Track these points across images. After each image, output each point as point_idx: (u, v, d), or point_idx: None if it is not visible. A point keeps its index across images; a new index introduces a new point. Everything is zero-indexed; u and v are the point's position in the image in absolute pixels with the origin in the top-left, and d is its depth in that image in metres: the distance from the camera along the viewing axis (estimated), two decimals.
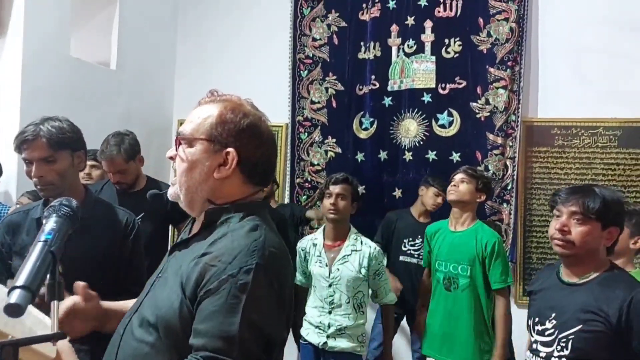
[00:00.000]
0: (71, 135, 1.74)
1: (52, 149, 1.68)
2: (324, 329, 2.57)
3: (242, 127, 1.10)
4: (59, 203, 1.02)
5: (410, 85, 4.00)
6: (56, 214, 0.99)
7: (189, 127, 1.12)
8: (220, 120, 1.10)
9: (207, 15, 4.54)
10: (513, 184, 3.78)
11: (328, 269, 2.61)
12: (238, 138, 1.10)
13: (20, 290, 0.81)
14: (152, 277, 1.16)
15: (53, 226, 0.96)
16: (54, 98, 3.25)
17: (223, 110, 1.11)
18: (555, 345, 1.65)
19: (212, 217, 1.11)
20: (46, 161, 1.68)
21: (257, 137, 1.12)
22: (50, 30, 3.31)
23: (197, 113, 1.14)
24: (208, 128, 1.10)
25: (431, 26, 3.97)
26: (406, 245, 3.41)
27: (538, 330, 1.74)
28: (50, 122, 1.71)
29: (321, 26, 4.24)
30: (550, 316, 1.69)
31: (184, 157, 1.11)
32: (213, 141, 1.09)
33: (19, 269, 0.86)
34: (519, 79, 3.80)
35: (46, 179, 1.68)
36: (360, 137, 4.15)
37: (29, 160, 1.70)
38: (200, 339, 0.95)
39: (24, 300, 0.80)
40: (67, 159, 1.72)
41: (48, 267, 0.88)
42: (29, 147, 1.67)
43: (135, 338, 1.04)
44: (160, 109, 4.44)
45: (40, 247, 0.90)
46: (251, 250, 1.00)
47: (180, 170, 1.12)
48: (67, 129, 1.73)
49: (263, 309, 0.98)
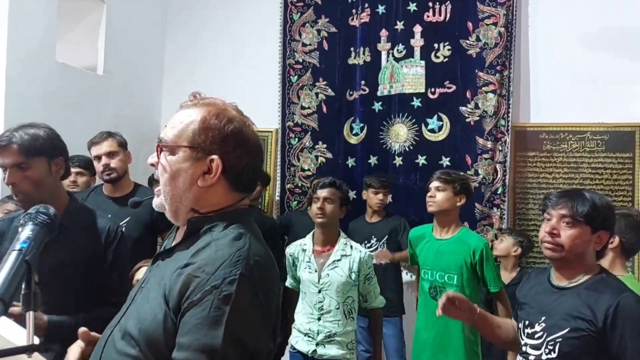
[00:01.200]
0: (46, 142, 1.68)
1: (24, 155, 1.63)
2: (313, 336, 2.54)
3: (226, 133, 1.06)
4: (36, 210, 0.99)
5: (400, 90, 4.00)
6: (32, 221, 0.96)
7: (171, 134, 1.08)
8: (203, 126, 1.06)
9: (196, 21, 4.52)
10: (504, 188, 3.78)
11: (317, 275, 2.58)
12: (222, 145, 1.06)
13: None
14: (135, 288, 1.13)
15: (29, 234, 0.93)
16: (39, 104, 3.21)
17: (206, 116, 1.07)
18: (543, 348, 1.65)
19: (195, 226, 1.08)
20: (19, 168, 1.64)
21: (242, 144, 1.08)
22: (35, 35, 3.27)
23: (178, 118, 1.09)
24: (191, 135, 1.06)
25: (420, 31, 3.97)
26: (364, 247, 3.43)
27: (528, 333, 1.73)
28: (26, 128, 1.67)
29: (311, 31, 4.23)
30: (540, 319, 1.69)
31: (166, 166, 1.07)
32: (196, 148, 1.05)
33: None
34: (508, 84, 3.82)
35: (20, 187, 1.64)
36: (351, 142, 4.15)
37: (3, 167, 1.67)
38: (183, 353, 0.93)
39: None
40: (42, 167, 1.67)
41: (23, 276, 0.86)
42: (2, 153, 1.64)
43: (117, 350, 1.01)
44: (148, 115, 4.41)
45: (14, 256, 0.87)
46: (235, 260, 0.97)
47: (163, 180, 1.08)
48: (43, 135, 1.68)
49: (247, 321, 0.96)
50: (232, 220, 1.07)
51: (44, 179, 1.68)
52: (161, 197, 1.10)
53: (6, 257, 0.87)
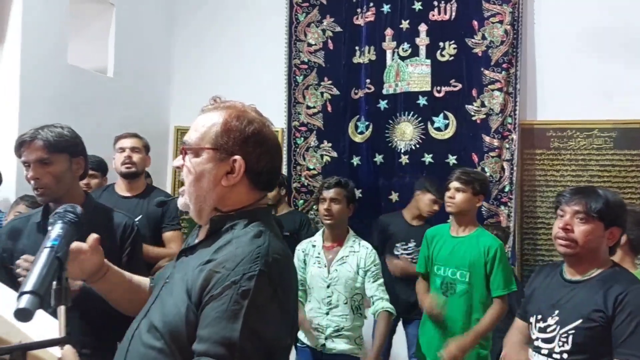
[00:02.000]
0: (69, 140, 1.76)
1: (48, 151, 1.70)
2: (322, 331, 2.58)
3: (247, 134, 1.11)
4: (64, 209, 1.03)
5: (406, 88, 4.03)
6: (61, 220, 1.01)
7: (194, 137, 1.12)
8: (225, 128, 1.10)
9: (203, 23, 4.56)
10: (511, 186, 3.80)
11: (327, 269, 2.62)
12: (244, 145, 1.10)
13: (28, 295, 0.83)
14: (159, 283, 1.17)
15: (59, 232, 0.97)
16: (52, 105, 3.27)
17: (228, 118, 1.11)
18: (556, 341, 1.68)
19: (217, 225, 1.12)
20: (42, 163, 1.69)
21: (262, 144, 1.12)
22: (48, 39, 3.33)
23: (201, 121, 1.14)
24: (213, 137, 1.10)
25: (426, 30, 4.00)
26: (399, 249, 3.39)
27: (540, 327, 1.76)
28: (50, 127, 1.74)
29: (316, 31, 4.26)
30: (553, 313, 1.72)
31: (190, 168, 1.11)
32: (219, 150, 1.10)
33: (26, 275, 0.87)
34: (514, 81, 3.83)
35: (42, 182, 1.70)
36: (356, 140, 4.18)
37: (26, 163, 1.72)
38: (202, 345, 0.96)
39: (32, 304, 0.82)
40: (64, 163, 1.74)
41: (55, 272, 0.90)
42: (27, 149, 1.70)
43: (143, 343, 1.05)
44: (157, 116, 4.45)
45: (47, 253, 0.92)
46: (254, 256, 1.01)
47: (188, 181, 1.12)
48: (66, 134, 1.76)
49: (265, 316, 0.99)
50: (252, 218, 1.11)
51: (64, 176, 1.73)
52: (186, 196, 1.13)
53: (38, 254, 0.92)
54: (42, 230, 1.72)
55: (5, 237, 1.82)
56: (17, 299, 0.83)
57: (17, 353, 0.82)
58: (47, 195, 1.72)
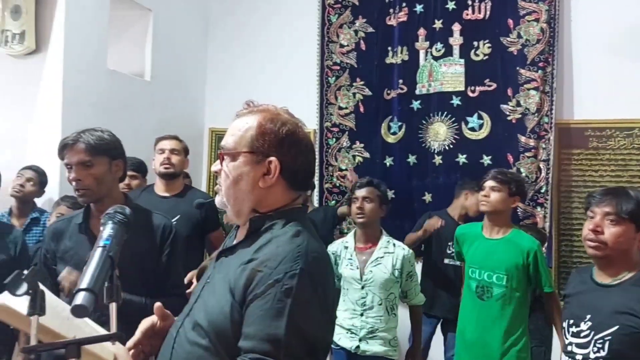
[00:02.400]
0: (109, 143, 1.81)
1: (89, 154, 1.75)
2: (356, 332, 2.58)
3: (281, 136, 1.13)
4: (114, 211, 1.07)
5: (439, 88, 4.00)
6: (112, 220, 1.05)
7: (231, 141, 1.15)
8: (260, 131, 1.13)
9: (237, 26, 4.62)
10: (547, 187, 3.73)
11: (360, 271, 2.62)
12: (279, 147, 1.13)
13: (84, 292, 0.87)
14: (201, 283, 1.20)
15: (110, 232, 1.01)
16: (92, 109, 3.37)
17: (262, 121, 1.14)
18: (591, 347, 1.65)
19: (256, 225, 1.14)
20: (84, 165, 1.75)
21: (296, 145, 1.15)
22: (89, 45, 3.44)
23: (236, 125, 1.17)
24: (249, 140, 1.13)
25: (459, 29, 3.96)
26: (450, 247, 3.34)
27: (573, 332, 1.73)
28: (92, 131, 1.81)
29: (348, 32, 4.27)
30: (585, 318, 1.69)
31: (228, 172, 1.14)
32: (255, 152, 1.13)
33: (82, 272, 0.91)
34: (551, 80, 3.76)
35: (83, 183, 1.75)
36: (389, 141, 4.17)
37: (69, 165, 1.78)
38: (249, 342, 0.99)
39: (88, 301, 0.86)
40: (104, 165, 1.79)
41: (108, 270, 0.94)
42: (69, 151, 1.76)
43: (188, 341, 1.08)
44: (192, 118, 4.54)
45: (99, 252, 0.96)
46: (295, 255, 1.04)
47: (226, 184, 1.15)
48: (107, 138, 1.82)
49: (308, 313, 1.01)
50: (289, 218, 1.14)
51: (105, 177, 1.79)
52: (224, 198, 1.16)
53: (92, 254, 0.96)
54: (84, 231, 1.78)
55: (49, 239, 1.89)
56: (73, 296, 0.87)
57: (71, 347, 0.86)
58: (88, 196, 1.78)
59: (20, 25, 3.26)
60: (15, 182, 3.03)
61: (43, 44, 3.29)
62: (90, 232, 1.79)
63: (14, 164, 3.15)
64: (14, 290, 0.88)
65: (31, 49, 3.27)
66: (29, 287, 0.88)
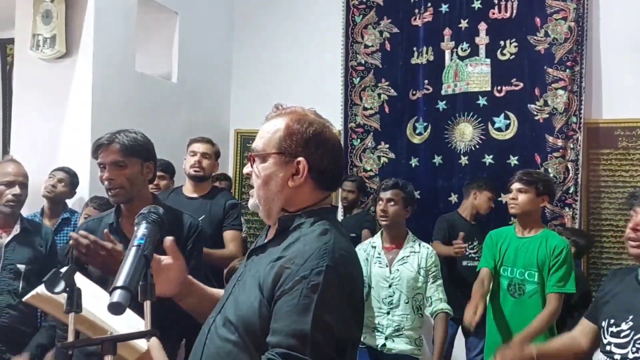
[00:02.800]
0: (143, 145, 1.85)
1: (123, 154, 1.79)
2: (382, 330, 2.58)
3: (308, 136, 1.15)
4: (148, 210, 1.09)
5: (465, 88, 3.97)
6: (146, 220, 1.07)
7: (260, 143, 1.18)
8: (288, 132, 1.15)
9: (261, 28, 4.65)
10: (576, 187, 3.67)
11: (388, 269, 2.63)
12: (306, 147, 1.15)
13: (120, 290, 0.89)
14: (232, 281, 1.23)
15: (144, 232, 1.03)
16: (121, 111, 3.43)
17: (289, 122, 1.16)
18: (630, 347, 1.63)
19: (285, 224, 1.16)
20: (117, 165, 1.79)
21: (323, 144, 1.17)
22: (117, 48, 3.50)
23: (266, 128, 1.19)
24: (278, 141, 1.15)
25: (485, 28, 3.93)
26: (467, 249, 3.34)
27: (612, 332, 1.70)
28: (126, 132, 1.84)
29: (373, 33, 4.27)
30: (627, 318, 1.66)
31: (259, 173, 1.17)
32: (284, 153, 1.14)
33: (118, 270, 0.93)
34: (579, 79, 3.71)
35: (116, 182, 1.79)
36: (414, 142, 4.15)
37: (102, 165, 1.82)
38: (276, 337, 1.01)
39: (124, 299, 0.87)
40: (136, 166, 1.82)
41: (142, 269, 0.96)
42: (104, 151, 1.80)
43: (219, 337, 1.11)
44: (218, 120, 4.58)
45: (134, 251, 0.98)
46: (322, 253, 1.05)
47: (257, 185, 1.18)
48: (140, 139, 1.86)
49: (334, 309, 1.02)
50: (318, 217, 1.16)
51: (136, 178, 1.82)
52: (255, 199, 1.19)
53: (127, 253, 0.98)
54: (115, 231, 1.81)
55: None
56: (109, 294, 0.89)
57: (107, 344, 0.88)
58: (120, 196, 1.81)
59: (51, 29, 3.34)
60: (47, 183, 3.10)
61: (73, 48, 3.36)
62: (121, 232, 1.82)
63: (46, 165, 3.23)
64: (51, 287, 0.90)
65: (62, 53, 3.35)
66: (66, 285, 0.90)
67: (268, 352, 1.00)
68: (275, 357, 0.98)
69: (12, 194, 2.34)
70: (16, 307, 2.31)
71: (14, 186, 2.35)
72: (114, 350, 0.88)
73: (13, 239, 2.38)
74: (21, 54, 3.50)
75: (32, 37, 3.38)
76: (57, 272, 0.91)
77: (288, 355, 0.98)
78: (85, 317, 0.94)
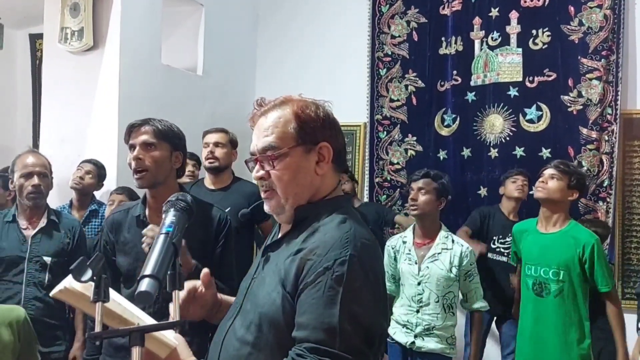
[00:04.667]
0: (174, 134, 1.86)
1: (154, 136, 1.79)
2: (412, 328, 2.52)
3: (322, 118, 1.12)
4: (176, 198, 1.07)
5: (495, 79, 3.87)
6: (174, 207, 1.04)
7: (272, 141, 1.10)
8: (300, 121, 1.10)
9: (286, 20, 4.62)
10: (610, 180, 3.55)
11: (417, 267, 2.55)
12: (323, 130, 1.11)
13: (148, 279, 0.86)
14: (247, 280, 1.18)
15: (172, 219, 1.00)
16: (147, 103, 3.43)
17: (297, 111, 1.10)
18: None
19: (302, 215, 1.12)
20: (147, 145, 1.78)
21: (335, 124, 1.15)
22: (144, 41, 3.51)
23: (268, 124, 1.11)
24: (294, 133, 1.09)
25: (517, 17, 3.82)
26: (496, 242, 3.30)
27: None
28: (161, 119, 1.86)
29: (400, 23, 4.19)
30: None
31: (281, 174, 1.10)
32: (304, 143, 1.10)
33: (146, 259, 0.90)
34: (615, 69, 3.58)
35: (143, 163, 1.78)
36: (442, 134, 4.07)
37: (133, 146, 1.82)
38: (303, 331, 0.97)
39: (152, 288, 0.85)
40: (166, 151, 1.82)
41: (171, 257, 0.93)
42: (135, 132, 1.81)
43: (237, 339, 1.07)
44: (242, 112, 4.50)
45: (162, 239, 0.95)
46: (343, 242, 1.01)
47: (283, 184, 1.10)
48: (173, 128, 1.87)
49: (360, 299, 0.99)
50: (334, 206, 1.11)
51: (164, 163, 1.81)
52: (281, 199, 1.11)
53: (155, 241, 0.95)
54: (142, 224, 1.79)
55: (107, 230, 1.92)
56: (137, 282, 0.86)
57: (135, 335, 0.85)
58: (146, 179, 1.79)
59: (79, 22, 3.36)
60: (75, 175, 3.12)
61: (100, 41, 3.38)
62: (148, 225, 1.80)
63: (74, 157, 3.26)
64: (78, 276, 0.88)
65: (89, 46, 3.37)
66: (93, 274, 0.88)
67: (295, 347, 0.97)
68: (303, 352, 0.95)
69: (32, 185, 2.34)
70: (42, 299, 2.32)
71: (32, 177, 2.35)
72: (142, 341, 0.85)
73: (39, 231, 2.39)
74: (50, 47, 3.53)
75: (60, 31, 3.41)
76: (84, 261, 0.88)
77: (317, 349, 0.94)
78: (113, 310, 0.91)
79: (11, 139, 5.15)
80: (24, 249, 2.34)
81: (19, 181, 2.35)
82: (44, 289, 2.32)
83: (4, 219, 2.39)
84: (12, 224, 2.38)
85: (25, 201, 2.36)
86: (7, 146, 4.95)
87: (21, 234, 2.37)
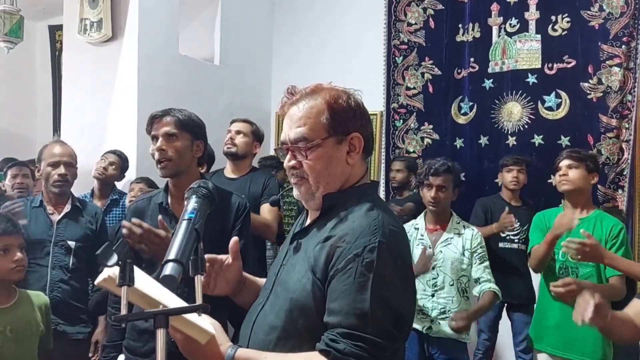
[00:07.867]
0: (195, 124, 1.89)
1: (176, 126, 1.83)
2: (428, 313, 2.53)
3: (353, 108, 1.12)
4: (197, 185, 1.09)
5: (514, 66, 3.82)
6: (195, 194, 1.06)
7: (305, 132, 1.11)
8: (333, 112, 1.11)
9: (302, 9, 4.61)
10: (631, 168, 3.50)
11: (432, 251, 2.57)
12: (354, 120, 1.13)
13: (172, 263, 0.88)
14: (275, 266, 1.20)
15: (194, 206, 1.03)
16: (165, 93, 3.47)
17: (330, 101, 1.11)
18: None
19: (330, 203, 1.13)
20: (169, 136, 1.83)
21: (365, 113, 1.15)
22: (161, 31, 3.54)
23: (300, 114, 1.12)
24: (326, 123, 1.10)
25: (536, 3, 3.76)
26: (505, 231, 3.28)
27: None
28: (181, 109, 1.90)
29: (416, 10, 4.16)
30: None
31: (314, 164, 1.11)
32: (337, 133, 1.11)
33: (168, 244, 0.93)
34: (635, 56, 3.51)
35: (166, 154, 1.82)
36: (459, 122, 4.04)
37: (155, 137, 1.86)
38: (335, 317, 0.99)
39: (176, 271, 0.87)
40: (187, 141, 1.86)
41: (194, 243, 0.95)
42: (157, 123, 1.85)
43: (267, 324, 1.10)
44: (259, 102, 4.59)
45: (185, 225, 0.97)
46: (372, 229, 1.03)
47: (315, 173, 1.12)
48: (194, 118, 1.90)
49: (390, 285, 1.01)
50: (361, 194, 1.13)
51: (185, 153, 1.85)
52: (302, 188, 1.14)
53: (178, 226, 0.98)
54: (164, 211, 1.83)
55: (130, 217, 1.94)
56: (161, 267, 0.89)
57: (160, 318, 0.88)
58: (168, 169, 1.84)
59: (98, 13, 3.40)
60: (99, 165, 3.17)
61: (119, 32, 3.42)
62: (171, 212, 1.84)
63: (94, 147, 3.31)
64: (104, 260, 0.91)
65: (108, 37, 3.41)
66: (119, 258, 0.90)
67: (328, 332, 0.99)
68: (336, 337, 0.97)
69: (58, 174, 2.42)
70: (67, 281, 2.41)
71: (59, 166, 2.43)
72: (166, 323, 0.87)
73: (64, 216, 2.48)
74: (69, 38, 3.59)
75: (79, 22, 3.46)
76: (109, 246, 0.91)
77: (350, 334, 0.97)
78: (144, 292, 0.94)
79: (32, 129, 5.25)
80: (51, 232, 2.43)
81: (46, 170, 2.44)
82: (68, 272, 2.41)
83: (31, 205, 2.47)
84: (39, 209, 2.47)
85: (52, 189, 2.45)
86: (29, 137, 5.05)
87: (48, 218, 2.46)
